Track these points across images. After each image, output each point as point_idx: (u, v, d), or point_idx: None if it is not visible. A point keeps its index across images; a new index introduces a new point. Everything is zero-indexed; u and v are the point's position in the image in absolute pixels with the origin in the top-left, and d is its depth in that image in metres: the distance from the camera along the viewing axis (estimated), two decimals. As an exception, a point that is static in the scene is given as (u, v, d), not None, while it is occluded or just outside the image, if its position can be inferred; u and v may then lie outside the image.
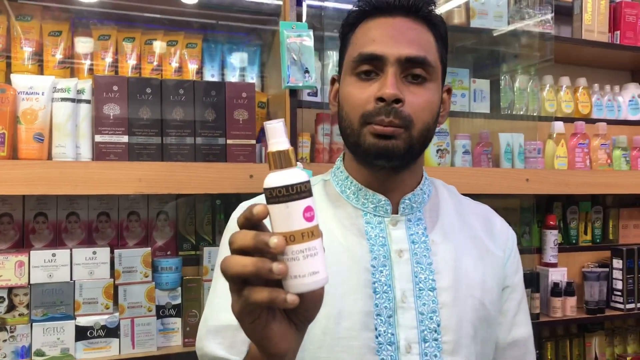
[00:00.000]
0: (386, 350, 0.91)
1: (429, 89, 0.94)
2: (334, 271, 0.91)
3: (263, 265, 0.59)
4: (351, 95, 0.94)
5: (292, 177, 0.61)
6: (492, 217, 1.09)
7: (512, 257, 1.06)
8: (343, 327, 0.91)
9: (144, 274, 1.51)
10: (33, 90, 1.40)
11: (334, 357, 0.90)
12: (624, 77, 2.49)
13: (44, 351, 1.41)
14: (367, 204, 0.99)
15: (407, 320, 0.92)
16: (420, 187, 1.02)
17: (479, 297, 0.97)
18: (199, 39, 1.72)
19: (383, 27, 0.93)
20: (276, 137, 0.62)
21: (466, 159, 1.87)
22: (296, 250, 0.60)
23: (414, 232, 0.98)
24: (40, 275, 1.42)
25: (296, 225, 0.60)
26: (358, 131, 0.93)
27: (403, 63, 0.91)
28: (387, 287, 0.93)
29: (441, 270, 0.96)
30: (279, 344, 0.66)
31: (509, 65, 2.08)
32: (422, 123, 0.93)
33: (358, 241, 0.96)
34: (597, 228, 2.28)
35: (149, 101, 1.48)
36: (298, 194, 0.60)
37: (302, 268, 0.60)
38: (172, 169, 1.45)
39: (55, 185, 1.35)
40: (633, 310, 2.13)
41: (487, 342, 0.99)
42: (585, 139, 2.08)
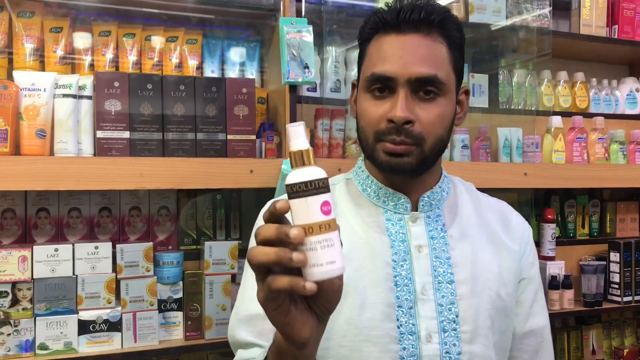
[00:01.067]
0: (407, 340, 0.96)
1: (440, 104, 0.97)
2: (356, 265, 0.98)
3: (284, 254, 0.64)
4: (366, 112, 0.99)
5: (311, 174, 0.66)
6: (509, 212, 1.14)
7: (528, 250, 1.10)
8: (366, 317, 0.96)
9: (146, 269, 1.52)
10: (35, 87, 1.41)
11: (357, 346, 0.95)
12: (622, 71, 2.50)
13: (47, 345, 1.43)
14: (388, 202, 1.04)
15: (427, 311, 0.97)
16: (439, 185, 1.06)
17: (495, 289, 1.01)
18: (199, 35, 1.73)
19: (394, 46, 0.96)
20: (297, 138, 0.68)
21: (465, 154, 1.88)
22: (314, 241, 0.65)
23: (433, 228, 1.02)
24: (43, 270, 1.43)
25: (314, 218, 0.65)
26: (372, 147, 0.99)
27: (413, 83, 0.95)
28: (408, 280, 0.98)
29: (459, 264, 1.01)
30: (300, 331, 0.70)
31: (507, 60, 2.09)
32: (434, 137, 0.97)
33: (379, 237, 1.01)
34: (594, 222, 2.30)
35: (150, 97, 1.49)
36: (316, 189, 0.66)
37: (319, 257, 0.65)
38: (173, 164, 1.46)
39: (57, 181, 1.37)
40: (630, 303, 2.15)
41: (505, 332, 1.03)
42: (582, 133, 2.10)
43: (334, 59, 1.81)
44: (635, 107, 2.36)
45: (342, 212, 1.04)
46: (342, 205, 1.06)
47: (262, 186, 1.53)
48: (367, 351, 0.95)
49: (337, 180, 1.11)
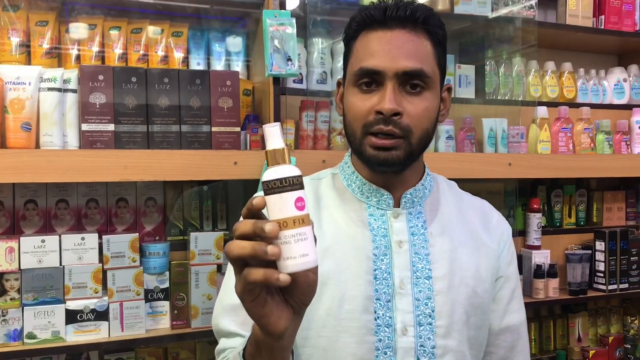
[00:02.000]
0: (384, 332, 0.99)
1: (427, 98, 1.00)
2: (338, 258, 1.02)
3: (259, 247, 0.67)
4: (354, 106, 1.01)
5: (286, 172, 0.70)
6: (490, 211, 1.16)
7: (507, 249, 1.12)
8: (345, 309, 0.99)
9: (132, 259, 1.55)
10: (20, 80, 1.43)
11: (336, 336, 0.99)
12: (610, 61, 2.51)
13: (35, 334, 1.46)
14: (371, 197, 1.06)
15: (404, 305, 1.00)
16: (422, 182, 1.09)
17: (472, 285, 1.04)
18: (185, 28, 1.74)
19: (381, 41, 0.98)
20: (273, 138, 0.71)
21: (449, 144, 1.90)
22: (288, 235, 0.68)
23: (414, 224, 1.05)
24: (30, 261, 1.45)
25: (288, 213, 0.69)
26: (360, 141, 1.01)
27: (401, 76, 0.97)
28: (387, 274, 1.01)
29: (437, 260, 1.03)
30: (276, 323, 0.73)
31: (494, 51, 2.10)
32: (420, 130, 1.00)
33: (362, 232, 1.04)
34: (581, 211, 2.32)
35: (135, 90, 1.51)
36: (290, 186, 0.69)
37: (293, 250, 0.68)
38: (158, 156, 1.48)
39: (43, 174, 1.39)
40: (615, 292, 2.17)
41: (480, 327, 1.06)
42: (568, 124, 2.11)
43: (320, 51, 1.82)
44: (623, 97, 2.37)
45: (327, 206, 1.07)
46: (327, 199, 1.08)
47: (247, 177, 1.56)
48: (344, 342, 0.98)
49: (325, 174, 1.14)
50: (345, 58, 1.07)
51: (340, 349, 0.98)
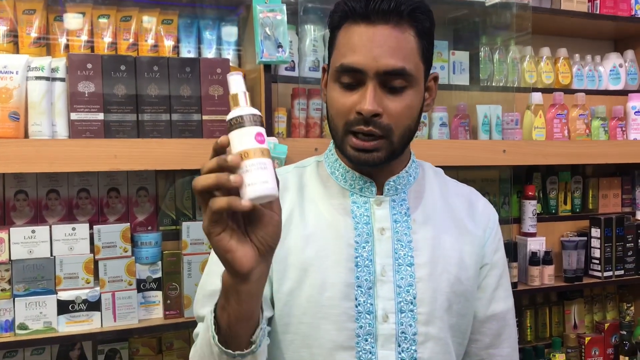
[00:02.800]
0: (365, 319, 0.99)
1: (408, 96, 0.97)
2: (320, 245, 1.01)
3: (223, 176, 0.71)
4: (336, 102, 0.99)
5: (246, 110, 0.75)
6: (475, 198, 1.15)
7: (493, 236, 1.11)
8: (326, 296, 0.99)
9: (124, 249, 1.54)
10: (7, 69, 1.42)
11: (316, 323, 0.99)
12: (606, 46, 2.49)
13: (27, 325, 1.45)
14: (354, 185, 1.05)
15: (385, 292, 1.00)
16: (406, 169, 1.07)
17: (455, 273, 1.04)
18: (175, 15, 1.73)
19: (364, 37, 0.95)
20: (236, 85, 0.77)
21: (443, 132, 1.89)
22: (249, 164, 0.73)
23: (397, 212, 1.04)
24: (20, 251, 1.45)
25: (249, 145, 0.73)
26: (342, 138, 1.00)
27: (382, 75, 0.95)
28: (369, 261, 1.01)
29: (420, 247, 1.03)
30: (242, 260, 0.76)
31: (488, 37, 2.08)
32: (402, 128, 0.99)
33: (344, 219, 1.03)
34: (576, 198, 2.31)
35: (124, 78, 1.49)
36: (250, 122, 0.74)
37: (254, 177, 0.73)
38: (148, 145, 1.47)
39: (31, 163, 1.38)
40: (610, 278, 2.17)
41: (464, 315, 1.05)
42: (563, 110, 2.10)
43: (312, 38, 1.81)
44: (619, 82, 2.36)
45: (311, 194, 1.07)
46: (311, 187, 1.08)
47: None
48: (324, 329, 0.98)
49: (309, 162, 1.13)
50: (330, 46, 1.04)
51: (321, 335, 0.99)
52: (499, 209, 2.13)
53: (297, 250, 1.01)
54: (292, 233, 1.02)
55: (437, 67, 2.01)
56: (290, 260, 1.01)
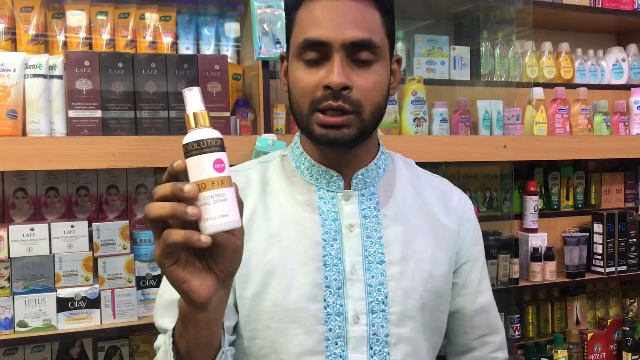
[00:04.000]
0: (334, 321, 0.94)
1: (376, 70, 0.94)
2: (285, 245, 0.96)
3: (179, 208, 0.67)
4: (299, 81, 0.94)
5: (204, 134, 0.70)
6: (450, 190, 1.11)
7: (470, 230, 1.08)
8: (292, 298, 0.94)
9: (123, 246, 1.54)
10: (4, 67, 1.41)
11: (284, 327, 0.94)
12: (609, 40, 2.47)
13: (26, 322, 1.45)
14: (320, 179, 1.00)
15: (355, 292, 0.96)
16: (375, 162, 1.03)
17: (428, 269, 1.00)
18: (173, 12, 1.72)
19: (327, 9, 0.92)
20: (193, 102, 0.71)
21: (443, 127, 1.88)
22: (207, 196, 0.68)
23: (366, 206, 1.00)
24: (19, 249, 1.45)
25: (207, 175, 0.69)
26: (307, 118, 0.94)
27: (348, 47, 0.91)
28: (338, 260, 0.96)
29: (391, 244, 0.98)
30: (198, 289, 0.71)
31: (489, 32, 2.07)
32: (372, 105, 0.94)
33: (310, 216, 0.98)
34: (579, 193, 2.30)
35: (122, 75, 1.49)
36: (208, 148, 0.69)
37: (213, 211, 0.68)
38: (146, 142, 1.46)
39: (29, 161, 1.38)
40: (613, 274, 2.16)
41: (436, 312, 1.02)
42: (565, 105, 2.09)
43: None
44: (622, 77, 2.34)
45: (274, 190, 1.02)
46: (274, 183, 1.03)
47: (237, 163, 1.52)
48: (292, 333, 0.94)
49: (273, 156, 1.08)
50: (288, 30, 1.00)
51: (289, 340, 0.94)
52: (500, 205, 2.12)
53: (260, 251, 0.96)
54: (255, 234, 0.97)
55: (438, 62, 2.01)
56: (253, 263, 0.96)
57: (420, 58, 1.98)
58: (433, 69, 2.00)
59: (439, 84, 2.00)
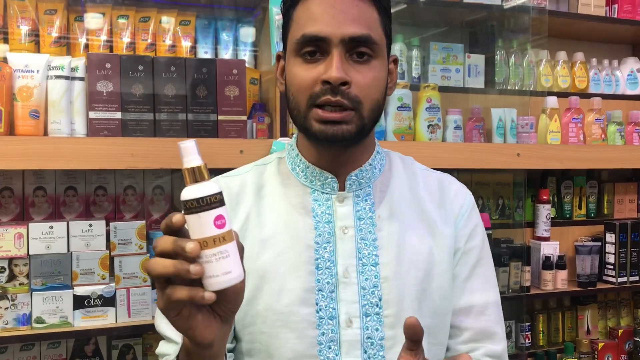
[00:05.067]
0: (327, 325, 0.93)
1: (375, 67, 0.94)
2: (278, 250, 0.96)
3: (182, 266, 0.66)
4: (297, 77, 0.93)
5: (203, 190, 0.68)
6: (448, 185, 1.07)
7: (464, 222, 1.04)
8: (283, 303, 0.94)
9: (139, 246, 1.56)
10: (28, 68, 1.44)
11: (276, 332, 0.94)
12: (624, 50, 2.48)
13: (43, 319, 1.48)
14: (315, 181, 1.00)
15: (348, 295, 0.95)
16: (370, 162, 1.02)
17: (424, 269, 0.97)
18: (193, 16, 1.75)
19: (325, 5, 0.91)
20: (189, 155, 0.70)
21: (457, 134, 1.89)
22: (209, 254, 0.68)
23: (361, 208, 0.99)
24: (38, 247, 1.47)
25: (208, 232, 0.68)
26: (305, 114, 0.93)
27: (347, 43, 0.91)
28: (330, 263, 0.95)
29: (385, 245, 0.97)
30: (203, 334, 0.72)
31: (504, 41, 2.08)
32: (371, 101, 0.93)
33: (303, 219, 0.98)
34: (591, 203, 2.30)
35: (142, 78, 1.52)
36: (208, 205, 0.68)
37: (216, 269, 0.68)
38: (164, 144, 1.49)
39: (50, 161, 1.40)
40: (625, 284, 2.16)
41: (438, 314, 0.99)
42: (579, 114, 2.09)
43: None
44: (636, 87, 2.35)
45: (270, 193, 1.02)
46: (270, 186, 1.03)
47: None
48: (284, 337, 0.93)
49: (270, 159, 1.08)
50: (285, 29, 0.99)
51: (281, 345, 0.93)
52: (512, 213, 2.13)
53: (253, 256, 0.96)
54: (248, 239, 0.97)
55: (453, 70, 2.02)
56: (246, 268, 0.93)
57: (435, 65, 2.00)
58: (448, 77, 2.01)
59: (453, 92, 2.01)
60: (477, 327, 1.01)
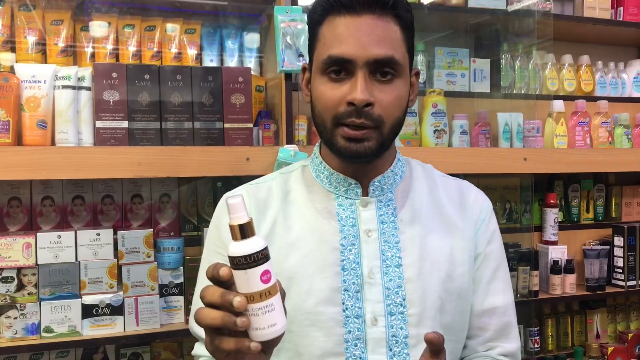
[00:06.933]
0: (353, 323, 0.97)
1: (397, 86, 0.97)
2: (304, 252, 1.00)
3: (229, 319, 0.71)
4: (323, 95, 0.96)
5: (250, 247, 0.71)
6: (467, 190, 1.12)
7: (485, 227, 1.08)
8: (311, 302, 0.97)
9: (147, 255, 1.56)
10: (35, 79, 1.45)
11: (303, 331, 0.97)
12: (630, 53, 2.47)
13: (52, 328, 1.48)
14: (339, 187, 1.04)
15: (373, 295, 0.98)
16: (391, 169, 1.06)
17: (445, 270, 1.01)
18: (198, 25, 1.76)
19: (350, 27, 0.94)
20: (237, 212, 0.71)
21: (464, 139, 1.89)
22: (256, 307, 0.71)
23: (384, 212, 1.03)
24: (46, 256, 1.48)
25: (255, 288, 0.71)
26: (331, 131, 0.97)
27: (371, 64, 0.94)
28: (356, 264, 0.99)
29: (407, 247, 1.01)
30: None
31: (509, 45, 2.08)
32: (392, 119, 0.97)
33: (328, 223, 1.02)
34: (599, 206, 2.29)
35: (148, 87, 1.52)
36: (255, 262, 0.70)
37: (261, 322, 0.71)
38: (171, 153, 1.49)
39: (58, 170, 1.41)
40: (634, 288, 2.14)
41: (460, 313, 1.03)
42: (585, 118, 2.08)
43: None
44: (643, 89, 2.34)
45: (295, 199, 1.05)
46: (295, 192, 1.06)
47: (259, 173, 1.55)
48: (312, 336, 0.97)
49: (295, 167, 1.12)
50: (311, 43, 1.03)
51: (310, 343, 0.97)
52: (520, 217, 2.12)
53: (281, 258, 0.99)
54: (276, 242, 1.01)
55: (458, 75, 2.02)
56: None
57: (440, 70, 2.00)
58: (453, 82, 2.01)
59: (459, 96, 2.01)
60: (498, 327, 1.06)
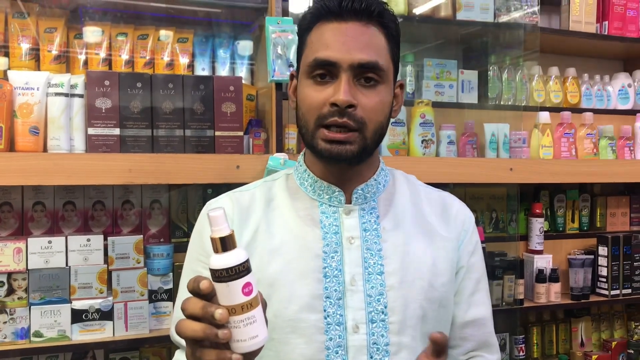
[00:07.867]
0: (334, 330, 0.98)
1: (380, 92, 1.00)
2: (287, 259, 1.01)
3: (211, 331, 0.72)
4: (308, 97, 1.00)
5: (231, 260, 0.71)
6: (450, 202, 1.14)
7: (468, 239, 1.11)
8: (292, 309, 0.98)
9: (136, 260, 1.58)
10: (28, 86, 1.47)
11: (285, 338, 0.98)
12: (615, 66, 2.51)
13: (42, 332, 1.49)
14: (323, 195, 1.06)
15: (355, 302, 0.99)
16: (375, 177, 1.08)
17: (427, 279, 1.03)
18: (190, 34, 1.78)
19: (336, 32, 0.98)
20: (218, 225, 0.72)
21: (451, 149, 1.92)
22: (237, 320, 0.72)
23: (367, 220, 1.04)
24: (37, 261, 1.49)
25: (236, 300, 0.71)
26: (312, 133, 1.00)
27: (355, 68, 0.97)
28: (338, 271, 1.01)
29: (390, 255, 1.02)
30: None
31: (497, 57, 2.12)
32: (374, 124, 1.00)
33: (311, 230, 1.03)
34: (584, 216, 2.33)
35: (140, 95, 1.54)
36: (237, 274, 0.71)
37: (243, 334, 0.72)
38: (161, 160, 1.51)
39: (50, 176, 1.43)
40: (618, 297, 2.18)
41: (439, 322, 1.05)
42: (571, 129, 2.12)
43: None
44: (628, 102, 2.38)
45: (278, 206, 1.07)
46: (279, 200, 1.08)
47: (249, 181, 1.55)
48: (294, 343, 0.98)
49: (279, 175, 1.14)
50: (299, 50, 1.06)
51: (291, 350, 0.98)
52: (506, 226, 2.15)
53: (263, 265, 1.00)
54: (258, 249, 1.02)
55: (446, 86, 2.05)
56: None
57: (429, 81, 2.03)
58: (441, 92, 2.05)
59: (447, 107, 2.04)
60: (481, 339, 1.09)
